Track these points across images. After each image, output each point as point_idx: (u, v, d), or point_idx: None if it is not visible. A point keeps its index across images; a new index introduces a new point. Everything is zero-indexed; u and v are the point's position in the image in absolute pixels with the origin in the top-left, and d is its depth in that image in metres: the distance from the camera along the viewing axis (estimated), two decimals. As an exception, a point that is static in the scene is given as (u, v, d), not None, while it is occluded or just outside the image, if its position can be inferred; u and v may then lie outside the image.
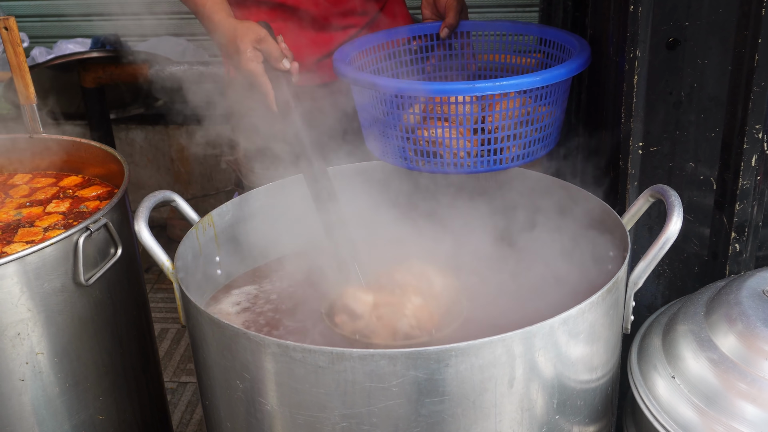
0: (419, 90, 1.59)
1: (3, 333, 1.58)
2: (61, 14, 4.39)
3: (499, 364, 1.22)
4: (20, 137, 2.13)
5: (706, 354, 1.38)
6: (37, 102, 2.06)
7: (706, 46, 1.53)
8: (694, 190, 1.65)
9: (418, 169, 1.68)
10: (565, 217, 1.63)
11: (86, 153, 2.08)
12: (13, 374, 1.62)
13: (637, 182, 1.65)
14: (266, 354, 1.25)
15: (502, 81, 1.55)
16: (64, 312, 1.66)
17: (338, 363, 1.20)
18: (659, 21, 1.52)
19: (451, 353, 1.19)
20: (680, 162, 1.63)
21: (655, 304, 1.76)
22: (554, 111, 1.65)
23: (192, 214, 1.64)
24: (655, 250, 1.36)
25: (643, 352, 1.50)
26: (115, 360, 1.81)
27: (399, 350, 1.18)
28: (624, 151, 1.63)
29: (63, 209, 1.93)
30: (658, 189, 1.43)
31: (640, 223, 1.65)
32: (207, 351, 1.38)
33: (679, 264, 1.73)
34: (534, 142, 1.65)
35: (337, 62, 1.72)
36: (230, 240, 1.72)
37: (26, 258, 1.56)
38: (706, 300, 1.48)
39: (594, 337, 1.32)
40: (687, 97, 1.57)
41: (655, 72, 1.56)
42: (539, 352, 1.24)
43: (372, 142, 1.76)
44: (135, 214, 1.48)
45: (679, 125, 1.60)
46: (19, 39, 1.99)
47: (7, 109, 4.21)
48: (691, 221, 1.67)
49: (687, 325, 1.45)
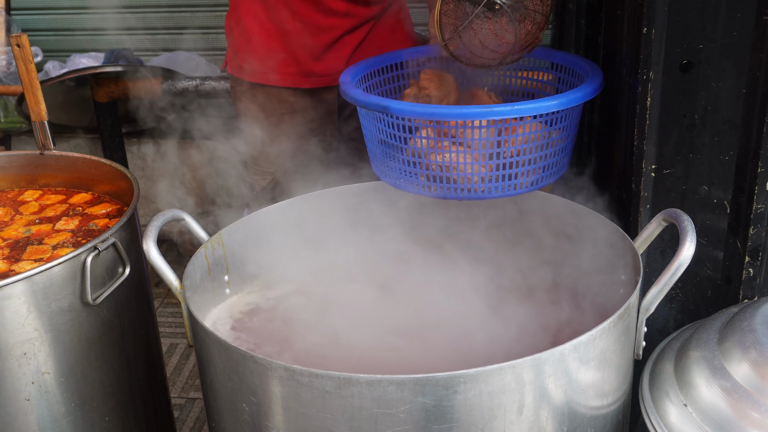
0: (434, 114, 1.57)
1: (9, 353, 1.58)
2: (74, 28, 4.42)
3: (508, 391, 1.20)
4: (31, 154, 2.13)
5: (719, 382, 1.36)
6: (48, 119, 2.06)
7: (720, 68, 1.51)
8: (708, 214, 1.64)
9: (430, 194, 1.66)
10: (576, 240, 1.61)
11: (97, 170, 2.07)
12: (19, 394, 1.62)
13: (650, 205, 1.64)
14: (273, 377, 1.24)
15: (519, 105, 1.53)
16: (71, 332, 1.65)
17: (345, 388, 1.19)
18: (673, 43, 1.51)
19: (459, 380, 1.17)
20: (693, 185, 1.62)
21: (668, 328, 1.73)
22: (567, 135, 1.64)
23: (201, 233, 1.63)
24: (667, 276, 1.35)
25: (655, 379, 1.48)
26: (122, 379, 1.80)
27: (407, 376, 1.17)
28: (636, 174, 1.62)
29: (72, 227, 1.93)
30: (671, 213, 1.42)
31: (652, 246, 1.63)
32: (214, 372, 1.37)
33: (692, 288, 1.70)
34: (548, 167, 1.64)
35: (344, 85, 1.71)
36: (239, 259, 1.71)
37: (34, 277, 1.56)
38: (719, 326, 1.46)
39: (605, 364, 1.31)
40: (701, 119, 1.56)
41: (668, 94, 1.55)
42: (549, 378, 1.23)
43: (379, 165, 1.74)
44: (144, 234, 1.48)
45: (693, 148, 1.58)
46: (31, 56, 1.99)
47: (19, 123, 4.23)
48: (704, 245, 1.65)
49: (700, 351, 1.43)
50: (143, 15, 4.36)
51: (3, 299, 1.53)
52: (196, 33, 4.29)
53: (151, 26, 4.38)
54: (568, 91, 1.61)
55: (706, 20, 1.48)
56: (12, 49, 1.99)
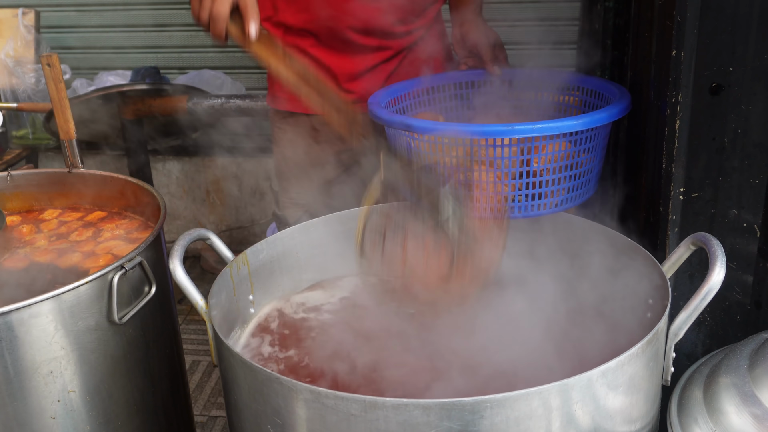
0: (457, 132, 1.58)
1: (36, 371, 1.58)
2: (102, 46, 4.48)
3: (535, 417, 1.19)
4: (60, 172, 2.15)
5: (750, 409, 1.33)
6: (76, 137, 2.08)
7: (751, 91, 1.50)
8: (737, 237, 1.62)
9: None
10: (604, 263, 1.60)
11: (124, 188, 2.09)
12: (45, 412, 1.62)
13: (678, 228, 1.62)
14: (298, 399, 1.24)
15: (543, 124, 1.53)
16: (97, 350, 1.65)
17: (371, 411, 1.18)
18: (702, 66, 1.50)
19: (486, 405, 1.16)
20: (723, 208, 1.60)
21: (696, 353, 1.71)
22: (594, 156, 1.63)
23: (226, 253, 1.64)
24: (696, 301, 1.33)
25: (684, 405, 1.46)
26: (147, 398, 1.81)
27: (433, 400, 1.16)
28: (665, 197, 1.60)
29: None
30: (699, 237, 1.40)
31: (680, 269, 1.61)
32: (238, 393, 1.36)
33: (721, 312, 1.68)
34: (574, 188, 1.63)
35: (372, 105, 1.72)
36: (264, 278, 1.71)
37: (62, 296, 1.57)
38: (749, 352, 1.44)
39: (633, 389, 1.29)
40: (730, 143, 1.54)
41: (697, 117, 1.53)
42: (577, 405, 1.21)
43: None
44: (170, 253, 1.48)
45: (722, 171, 1.57)
46: (61, 75, 2.02)
47: (47, 139, 4.29)
48: (733, 269, 1.64)
49: (729, 377, 1.41)
50: (169, 33, 4.41)
51: (31, 317, 1.54)
52: (222, 52, 4.34)
53: (177, 45, 4.43)
54: (593, 111, 1.60)
55: (737, 43, 1.47)
56: (42, 68, 2.02)
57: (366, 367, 1.49)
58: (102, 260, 1.88)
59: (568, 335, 1.53)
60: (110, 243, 1.96)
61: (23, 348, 1.56)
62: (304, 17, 2.08)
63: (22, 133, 4.32)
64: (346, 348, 1.56)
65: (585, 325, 1.56)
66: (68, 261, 1.89)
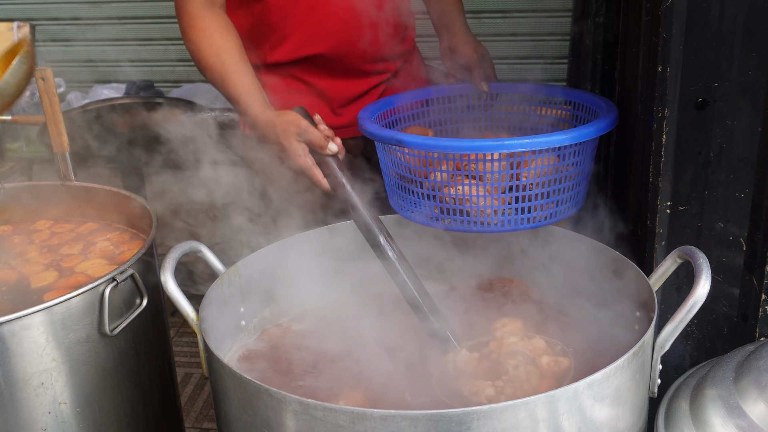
0: (446, 147, 1.59)
1: (27, 382, 1.59)
2: (97, 60, 4.48)
3: (521, 428, 1.20)
4: (53, 184, 2.16)
5: (735, 421, 1.34)
6: (69, 150, 2.10)
7: (736, 106, 1.52)
8: (724, 251, 1.63)
9: (444, 227, 1.67)
10: (591, 275, 1.61)
11: (116, 200, 2.10)
12: (35, 424, 1.63)
13: (665, 241, 1.64)
14: (287, 411, 1.24)
15: (532, 138, 1.55)
16: (88, 362, 1.66)
17: (359, 423, 1.19)
18: (688, 81, 1.52)
19: (473, 416, 1.17)
20: (709, 222, 1.62)
21: (683, 366, 1.73)
22: (582, 170, 1.64)
23: (218, 265, 1.65)
24: (682, 314, 1.34)
25: (671, 417, 1.47)
26: (137, 410, 1.81)
27: (420, 412, 1.17)
28: (652, 210, 1.62)
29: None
30: (686, 250, 1.42)
31: (667, 282, 1.63)
32: (228, 405, 1.37)
33: (708, 325, 1.70)
34: (562, 201, 1.65)
35: (362, 120, 1.73)
36: (255, 290, 1.72)
37: (53, 308, 1.57)
38: (735, 364, 1.45)
39: (620, 401, 1.30)
40: (716, 157, 1.56)
41: (683, 132, 1.55)
42: (563, 416, 1.22)
43: (396, 200, 1.76)
44: (161, 266, 1.49)
45: (708, 185, 1.59)
46: (54, 89, 2.03)
47: (41, 152, 4.29)
48: (720, 282, 1.65)
49: (716, 390, 1.42)
50: (164, 47, 4.42)
51: (22, 329, 1.55)
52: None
53: (172, 58, 4.44)
54: (581, 126, 1.62)
55: (722, 59, 1.49)
56: (36, 82, 2.03)
57: (354, 378, 1.50)
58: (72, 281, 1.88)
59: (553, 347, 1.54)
60: (92, 262, 1.97)
61: (14, 359, 1.57)
62: (313, 48, 2.00)
63: (17, 145, 4.33)
64: (337, 358, 1.57)
65: (572, 337, 1.57)
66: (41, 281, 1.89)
